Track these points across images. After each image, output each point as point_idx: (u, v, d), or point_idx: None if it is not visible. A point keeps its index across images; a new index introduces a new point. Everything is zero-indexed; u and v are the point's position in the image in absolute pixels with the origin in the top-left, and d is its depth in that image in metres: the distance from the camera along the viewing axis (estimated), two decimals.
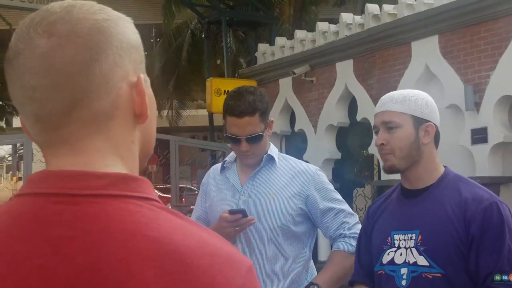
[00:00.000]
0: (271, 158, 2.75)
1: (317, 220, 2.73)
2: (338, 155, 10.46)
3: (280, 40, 11.70)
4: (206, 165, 11.78)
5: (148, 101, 0.94)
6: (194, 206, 3.04)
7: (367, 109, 9.13)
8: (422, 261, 2.16)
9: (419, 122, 2.24)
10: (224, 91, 11.25)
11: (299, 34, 11.16)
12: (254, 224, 2.61)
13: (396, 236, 2.24)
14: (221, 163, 2.88)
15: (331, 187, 2.78)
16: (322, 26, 10.60)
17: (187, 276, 0.81)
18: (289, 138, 11.70)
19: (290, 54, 11.16)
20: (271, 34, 13.24)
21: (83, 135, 0.89)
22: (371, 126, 2.47)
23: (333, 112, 10.24)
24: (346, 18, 10.06)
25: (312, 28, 11.26)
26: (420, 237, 2.18)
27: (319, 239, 8.20)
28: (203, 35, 14.60)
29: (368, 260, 2.36)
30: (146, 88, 0.94)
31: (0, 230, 0.85)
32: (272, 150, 2.78)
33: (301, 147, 10.81)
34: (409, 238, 2.20)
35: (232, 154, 2.85)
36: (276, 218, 2.67)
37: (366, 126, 8.98)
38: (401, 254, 2.21)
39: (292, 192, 2.70)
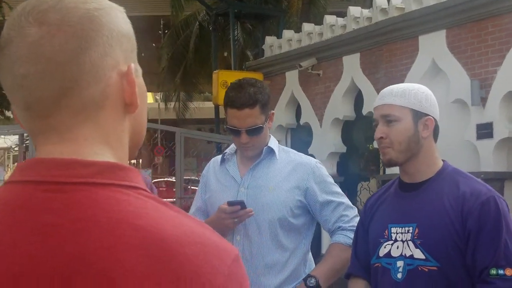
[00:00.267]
0: (271, 151, 2.76)
1: (316, 213, 2.74)
2: (343, 148, 10.45)
3: (287, 33, 11.67)
4: (212, 157, 11.77)
5: (138, 90, 0.94)
6: None
7: (373, 103, 9.06)
8: (419, 254, 2.16)
9: (418, 115, 2.24)
10: (231, 83, 11.22)
11: (307, 27, 11.14)
12: (252, 216, 2.62)
13: (393, 229, 2.25)
14: (221, 155, 2.89)
15: (330, 180, 2.78)
16: (329, 19, 10.57)
17: (173, 264, 0.81)
18: (294, 131, 11.69)
19: (297, 47, 11.13)
20: (279, 27, 13.21)
21: (72, 123, 0.89)
22: None
23: (339, 106, 10.22)
24: (354, 11, 10.03)
25: (320, 21, 11.23)
26: (417, 230, 2.18)
27: (322, 233, 8.20)
28: (211, 27, 14.58)
29: (365, 253, 2.37)
30: (136, 77, 0.94)
31: None
32: (272, 142, 2.78)
33: (306, 141, 10.80)
34: (406, 231, 2.21)
35: (233, 146, 2.86)
36: (275, 211, 2.67)
37: (372, 120, 8.95)
38: (397, 247, 2.22)
39: (292, 185, 2.71)
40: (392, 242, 2.24)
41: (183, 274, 0.81)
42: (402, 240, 2.21)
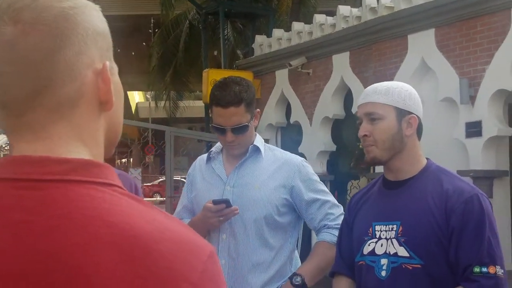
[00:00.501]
0: (257, 149, 2.76)
1: (302, 211, 2.74)
2: (333, 147, 10.48)
3: (277, 32, 11.69)
4: None
5: (114, 88, 0.94)
6: None
7: None
8: (403, 252, 2.17)
9: (402, 114, 2.25)
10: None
11: (296, 26, 11.15)
12: (238, 214, 2.62)
13: (377, 227, 2.25)
14: (207, 154, 2.89)
15: (316, 178, 2.79)
16: (319, 18, 10.59)
17: (147, 261, 0.81)
18: (284, 130, 11.71)
19: (287, 46, 11.15)
20: (269, 26, 13.21)
21: (47, 121, 0.89)
22: None
23: (329, 105, 10.24)
24: (344, 10, 10.05)
25: (310, 20, 11.24)
26: (401, 228, 2.19)
27: (312, 232, 8.21)
28: (201, 26, 14.56)
29: (349, 251, 2.38)
30: (112, 75, 0.94)
31: None
32: (258, 140, 2.78)
33: (296, 139, 10.82)
34: (390, 229, 2.22)
35: (219, 145, 2.85)
36: (261, 209, 2.67)
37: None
38: (381, 245, 2.22)
39: (277, 183, 2.71)
40: (376, 240, 2.25)
41: (157, 270, 0.81)
42: (386, 238, 2.22)
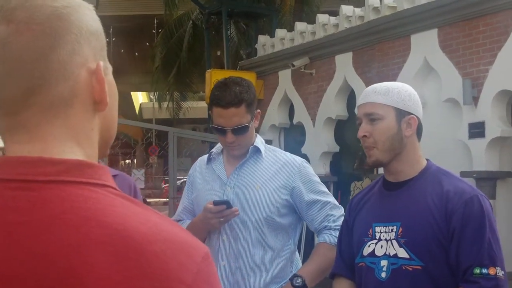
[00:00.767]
0: (257, 150, 2.75)
1: (302, 212, 2.73)
2: (336, 148, 10.46)
3: (280, 32, 11.68)
4: None
5: (108, 88, 0.94)
6: None
7: None
8: (403, 253, 2.16)
9: (401, 114, 2.24)
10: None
11: (299, 26, 11.14)
12: (239, 215, 2.61)
13: (377, 228, 2.24)
14: (207, 155, 2.89)
15: (317, 179, 2.78)
16: (322, 18, 10.58)
17: (141, 262, 0.81)
18: (287, 131, 11.70)
19: (290, 46, 11.14)
20: (272, 26, 13.20)
21: (40, 121, 0.89)
22: None
23: (332, 105, 10.23)
24: (346, 10, 10.04)
25: (313, 20, 11.23)
26: (401, 229, 2.18)
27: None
28: (204, 26, 14.56)
29: (349, 253, 2.37)
30: (106, 75, 0.94)
31: None
32: (259, 141, 2.78)
33: (299, 140, 10.81)
34: (390, 230, 2.21)
35: (219, 146, 2.85)
36: (261, 210, 2.67)
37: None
38: (381, 246, 2.22)
39: (278, 184, 2.70)
40: (376, 241, 2.24)
41: (151, 271, 0.81)
42: (386, 239, 2.21)
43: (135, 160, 33.46)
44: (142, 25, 29.25)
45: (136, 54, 30.92)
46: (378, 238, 2.24)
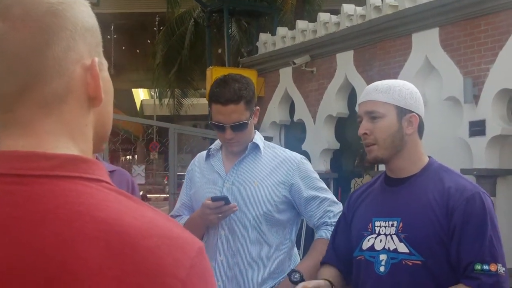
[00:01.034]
0: (256, 146, 2.76)
1: (301, 208, 2.74)
2: (337, 145, 10.46)
3: (281, 30, 11.67)
4: None
5: (103, 84, 0.94)
6: None
7: None
8: (403, 248, 2.16)
9: (402, 112, 2.24)
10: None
11: (300, 24, 11.13)
12: (237, 211, 2.62)
13: (377, 223, 2.25)
14: (206, 151, 2.89)
15: (315, 175, 2.78)
16: (323, 16, 10.57)
17: (135, 257, 0.81)
18: (288, 128, 11.70)
19: (291, 44, 11.13)
20: (273, 24, 13.20)
21: (35, 117, 0.89)
22: None
23: (332, 103, 10.23)
24: (348, 9, 10.03)
25: (314, 19, 11.22)
26: (401, 224, 2.18)
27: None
28: (205, 24, 14.56)
29: (344, 246, 2.37)
30: (101, 71, 0.94)
31: None
32: (257, 138, 2.78)
33: (300, 137, 10.81)
34: (390, 225, 2.21)
35: (218, 142, 2.86)
36: (260, 206, 2.67)
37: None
38: (380, 241, 2.22)
39: (277, 180, 2.71)
40: (375, 235, 2.24)
41: (145, 266, 0.81)
42: (385, 234, 2.21)
43: (135, 156, 33.44)
44: (143, 22, 29.22)
45: (138, 51, 30.89)
46: (377, 232, 2.24)
